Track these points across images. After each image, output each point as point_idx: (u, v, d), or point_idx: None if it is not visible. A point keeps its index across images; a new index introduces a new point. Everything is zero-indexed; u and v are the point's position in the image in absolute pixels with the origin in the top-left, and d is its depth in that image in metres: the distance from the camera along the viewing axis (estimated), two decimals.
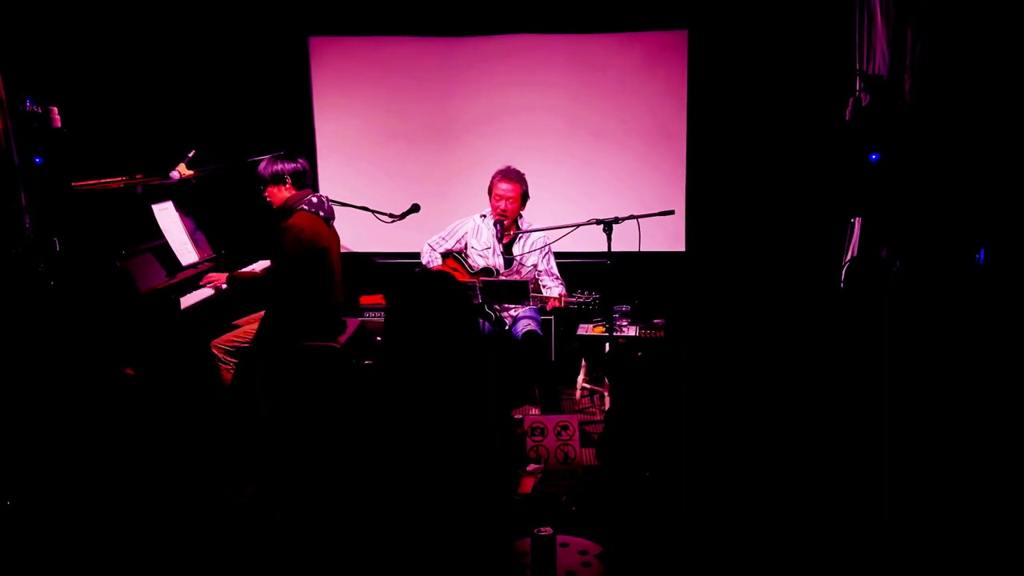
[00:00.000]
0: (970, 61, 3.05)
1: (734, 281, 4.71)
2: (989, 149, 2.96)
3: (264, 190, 4.03)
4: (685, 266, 5.28)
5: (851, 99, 3.27)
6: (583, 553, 2.59)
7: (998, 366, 2.87)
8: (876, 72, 3.24)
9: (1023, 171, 2.87)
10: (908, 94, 3.17)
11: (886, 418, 3.02)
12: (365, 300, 5.29)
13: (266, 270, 4.12)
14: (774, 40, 4.92)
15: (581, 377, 4.70)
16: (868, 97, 3.20)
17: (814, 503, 2.65)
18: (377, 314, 5.23)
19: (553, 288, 4.49)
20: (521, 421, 3.68)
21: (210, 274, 4.15)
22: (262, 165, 4.01)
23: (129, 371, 3.32)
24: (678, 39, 5.26)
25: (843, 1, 3.66)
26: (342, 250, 4.35)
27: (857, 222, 3.38)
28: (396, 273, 5.42)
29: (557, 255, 4.68)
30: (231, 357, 3.92)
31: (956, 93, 3.08)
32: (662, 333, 4.40)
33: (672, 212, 4.26)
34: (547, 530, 2.46)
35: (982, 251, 2.82)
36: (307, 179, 4.10)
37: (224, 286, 4.14)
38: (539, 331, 4.40)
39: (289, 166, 4.00)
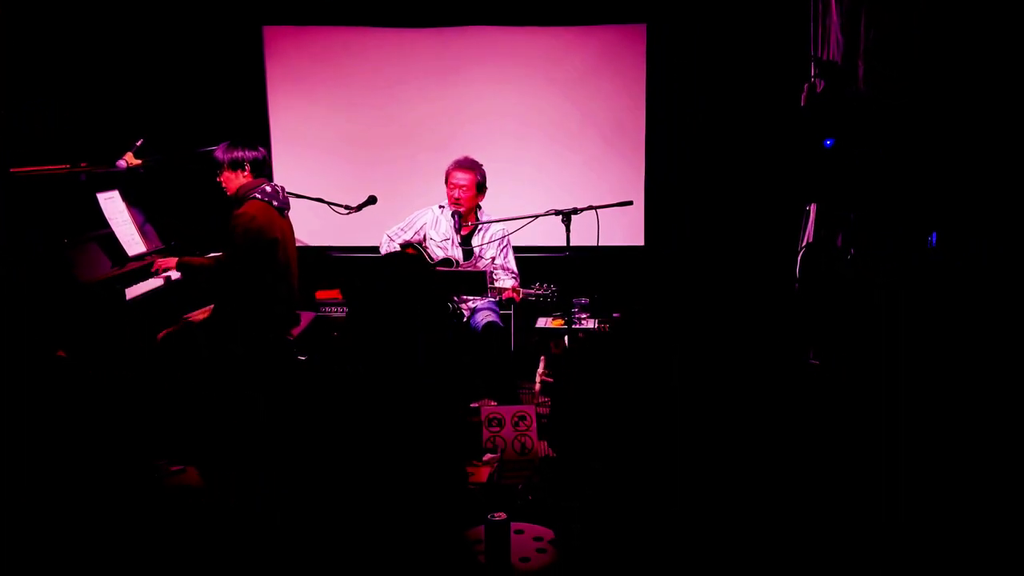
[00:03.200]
0: (923, 47, 3.07)
1: (692, 271, 4.71)
2: (942, 134, 2.99)
3: (220, 175, 3.93)
4: (643, 258, 5.28)
5: (806, 85, 3.28)
6: (538, 539, 2.55)
7: (954, 350, 2.88)
8: (830, 58, 3.26)
9: (975, 156, 2.90)
10: (862, 80, 3.19)
11: (843, 404, 3.02)
12: (321, 295, 5.19)
13: (216, 259, 4.01)
14: (730, 30, 4.96)
15: (540, 370, 4.66)
16: (823, 83, 3.21)
17: (760, 488, 2.64)
18: (334, 309, 5.13)
19: (506, 281, 4.45)
20: (477, 411, 3.62)
21: (159, 259, 4.02)
22: (220, 150, 3.91)
23: (61, 353, 3.21)
24: (637, 32, 5.27)
25: None
26: (297, 244, 4.26)
27: (812, 208, 3.39)
28: (353, 267, 5.33)
29: (516, 249, 4.64)
30: None
31: (909, 79, 3.10)
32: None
33: (631, 203, 4.25)
34: (501, 515, 2.41)
35: (934, 235, 2.83)
36: (265, 169, 4.02)
37: (174, 272, 4.01)
38: (499, 322, 4.36)
39: (249, 154, 3.91)
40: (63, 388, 3.18)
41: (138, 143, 4.30)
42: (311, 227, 5.19)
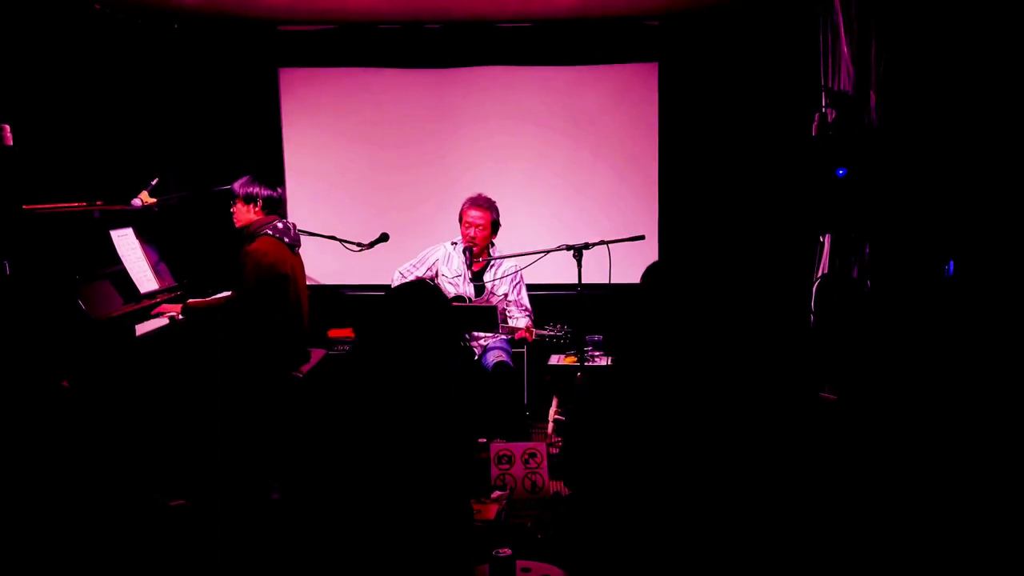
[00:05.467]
0: (935, 77, 3.04)
1: (707, 303, 4.64)
2: (955, 163, 2.94)
3: (232, 205, 3.97)
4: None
5: (816, 115, 3.25)
6: None
7: (973, 384, 2.79)
8: (841, 88, 3.23)
9: (990, 183, 2.84)
10: (874, 110, 3.15)
11: (859, 440, 2.93)
12: (334, 333, 5.17)
13: (227, 298, 4.01)
14: (741, 64, 4.97)
15: (553, 409, 4.58)
16: (834, 113, 3.18)
17: (774, 525, 2.55)
18: (346, 347, 5.10)
19: (520, 319, 4.41)
20: (486, 446, 3.56)
21: (163, 305, 4.01)
22: (238, 182, 3.97)
23: (65, 384, 3.21)
24: (649, 70, 5.29)
25: (807, 18, 3.67)
26: (309, 282, 4.26)
27: (827, 239, 3.33)
28: (366, 305, 5.32)
29: (528, 287, 4.60)
30: None
31: (922, 109, 3.07)
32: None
33: (643, 237, 4.22)
34: (506, 551, 2.34)
35: (951, 263, 2.76)
36: (279, 208, 4.06)
37: (179, 316, 4.00)
38: (510, 362, 4.30)
39: (264, 191, 3.96)
40: (63, 418, 3.17)
41: (153, 182, 4.35)
42: (324, 265, 5.20)
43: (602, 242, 4.07)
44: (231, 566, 2.82)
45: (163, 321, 3.98)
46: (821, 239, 3.33)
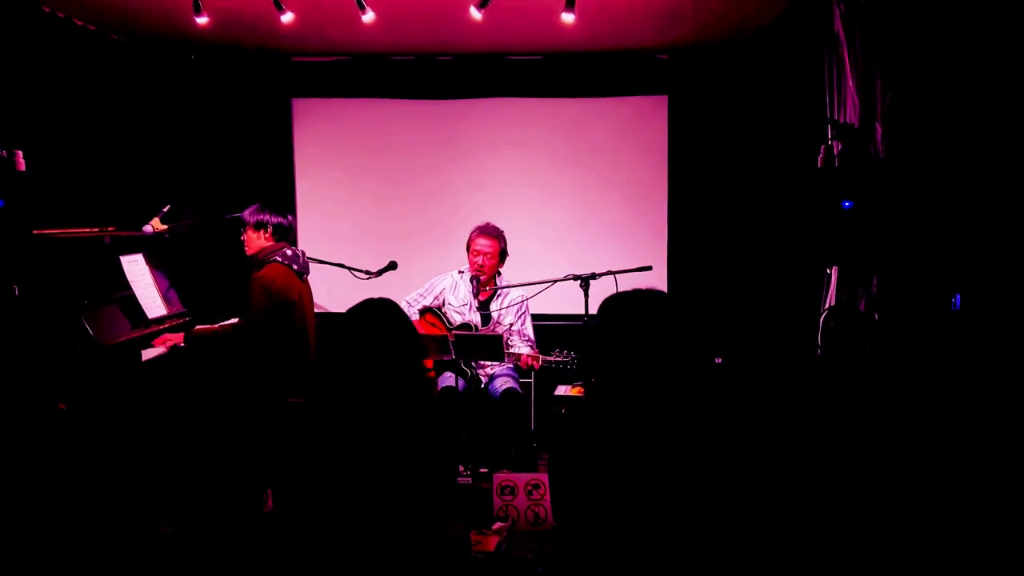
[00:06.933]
0: (941, 109, 3.03)
1: (712, 334, 4.62)
2: (962, 196, 2.92)
3: (243, 233, 4.01)
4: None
5: (822, 147, 3.25)
6: None
7: (980, 420, 2.75)
8: (847, 121, 3.23)
9: (997, 217, 2.82)
10: (880, 142, 3.15)
11: (869, 478, 2.88)
12: None
13: (234, 324, 4.03)
14: (749, 98, 5.01)
15: None
16: (840, 145, 3.18)
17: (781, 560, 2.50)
18: None
19: (522, 347, 4.40)
20: (489, 476, 3.53)
21: (165, 335, 4.00)
22: (248, 210, 4.01)
23: (62, 406, 3.22)
24: (658, 103, 5.32)
25: (812, 52, 3.69)
26: (318, 309, 4.28)
27: (834, 271, 3.31)
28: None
29: (534, 316, 4.59)
30: None
31: (929, 141, 3.06)
32: None
33: (650, 268, 4.23)
34: None
35: (958, 297, 2.73)
36: (289, 235, 4.08)
37: (181, 344, 4.01)
38: (518, 389, 4.28)
39: (274, 219, 3.99)
40: (57, 440, 3.17)
41: (165, 209, 4.40)
42: (332, 292, 5.22)
43: (609, 272, 4.07)
44: None
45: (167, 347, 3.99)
46: (828, 271, 3.31)
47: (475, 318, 4.46)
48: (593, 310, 4.01)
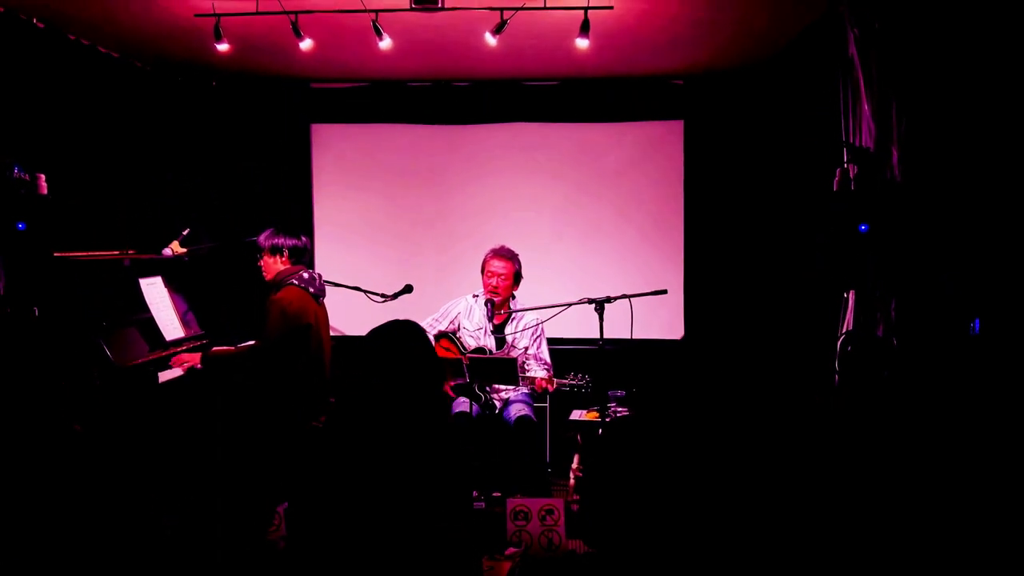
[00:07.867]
0: (957, 133, 3.02)
1: (732, 360, 4.58)
2: (979, 219, 2.89)
3: (260, 259, 4.03)
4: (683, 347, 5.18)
5: (838, 170, 3.23)
6: None
7: (998, 447, 2.70)
8: (863, 145, 3.22)
9: (1015, 241, 2.79)
10: (897, 166, 3.13)
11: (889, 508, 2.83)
12: None
13: (249, 347, 4.05)
14: (764, 123, 5.02)
15: (574, 465, 4.51)
16: (856, 169, 3.16)
17: None
18: None
19: (538, 370, 4.38)
20: (502, 500, 3.50)
21: (182, 355, 4.02)
22: (263, 235, 4.03)
23: (77, 427, 3.24)
24: (674, 128, 5.34)
25: (827, 77, 3.69)
26: (334, 332, 4.29)
27: (851, 295, 3.28)
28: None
29: (549, 340, 4.58)
30: None
31: (945, 165, 3.04)
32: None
33: (665, 292, 4.21)
34: None
35: (976, 321, 2.70)
36: (305, 257, 4.09)
37: (198, 366, 4.02)
38: (532, 416, 4.26)
39: (289, 241, 4.00)
40: (71, 460, 3.19)
41: (184, 232, 4.46)
42: (349, 315, 5.24)
43: (624, 296, 4.05)
44: None
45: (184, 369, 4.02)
46: (845, 295, 3.28)
47: (490, 342, 4.45)
48: (609, 335, 4.03)
